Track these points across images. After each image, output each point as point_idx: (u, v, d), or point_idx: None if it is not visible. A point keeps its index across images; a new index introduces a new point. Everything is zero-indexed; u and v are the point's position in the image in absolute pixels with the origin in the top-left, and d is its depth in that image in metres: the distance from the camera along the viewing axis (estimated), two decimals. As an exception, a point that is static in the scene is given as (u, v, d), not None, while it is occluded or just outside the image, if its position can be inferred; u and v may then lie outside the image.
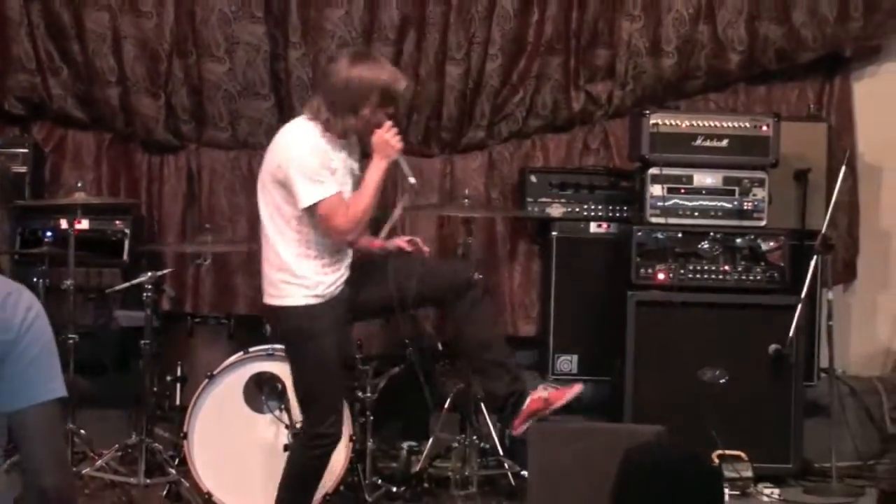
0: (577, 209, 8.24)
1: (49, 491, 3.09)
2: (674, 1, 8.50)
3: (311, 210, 5.80)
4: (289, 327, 6.01)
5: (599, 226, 8.23)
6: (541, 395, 6.14)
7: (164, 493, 6.89)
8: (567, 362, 8.16)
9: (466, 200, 7.75)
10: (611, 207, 8.25)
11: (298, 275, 5.84)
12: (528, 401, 6.13)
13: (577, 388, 6.24)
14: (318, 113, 5.91)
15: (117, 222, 7.98)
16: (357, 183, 6.00)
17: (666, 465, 3.40)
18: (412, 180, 6.09)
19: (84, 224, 7.46)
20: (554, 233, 8.18)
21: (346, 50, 7.74)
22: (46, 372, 3.09)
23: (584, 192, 8.27)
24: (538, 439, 6.04)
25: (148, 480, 6.93)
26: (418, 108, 8.58)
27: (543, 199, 8.22)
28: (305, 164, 5.77)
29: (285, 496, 6.12)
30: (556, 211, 8.21)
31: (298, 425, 6.46)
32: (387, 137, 5.94)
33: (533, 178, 8.32)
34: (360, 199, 5.91)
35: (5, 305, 3.05)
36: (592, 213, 8.24)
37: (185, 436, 6.72)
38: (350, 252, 6.06)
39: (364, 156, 6.07)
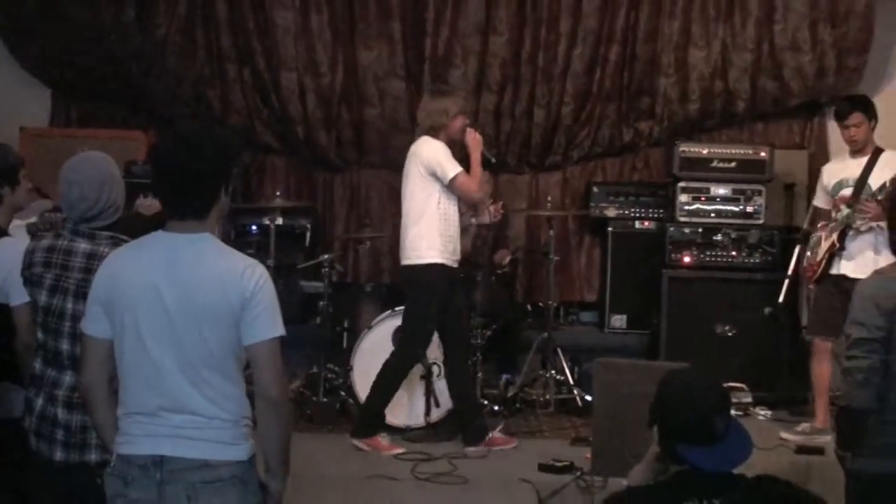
0: (627, 211, 8.27)
1: (274, 398, 3.20)
2: (697, 63, 8.43)
3: (452, 182, 6.18)
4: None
5: (643, 223, 8.26)
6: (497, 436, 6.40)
7: (336, 407, 7.02)
8: (619, 320, 8.22)
9: (549, 205, 7.89)
10: (651, 210, 8.27)
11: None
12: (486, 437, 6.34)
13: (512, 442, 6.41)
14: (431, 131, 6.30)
15: (302, 220, 8.10)
16: None
17: (688, 382, 3.37)
18: (493, 160, 6.57)
19: (279, 221, 7.55)
20: (609, 228, 8.22)
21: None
22: (271, 319, 3.19)
23: (631, 199, 8.29)
24: (600, 372, 5.98)
25: (325, 399, 7.10)
26: (514, 140, 8.59)
27: (603, 204, 8.25)
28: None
29: (375, 391, 6.38)
30: (611, 212, 8.23)
31: (429, 363, 6.57)
32: (470, 136, 6.35)
33: (595, 189, 8.37)
34: (474, 173, 6.29)
35: (244, 275, 3.16)
36: (638, 214, 8.27)
37: (351, 368, 6.83)
38: None
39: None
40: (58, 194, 4.01)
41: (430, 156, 6.22)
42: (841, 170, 6.79)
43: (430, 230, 6.23)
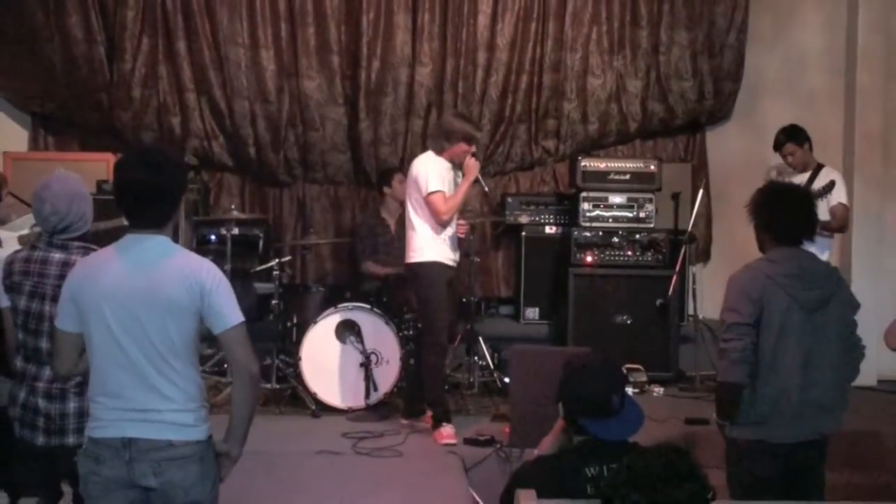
0: (537, 218, 8.25)
1: (254, 373, 3.24)
2: (595, 89, 8.47)
3: (427, 197, 6.02)
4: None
5: (551, 228, 8.23)
6: (445, 430, 6.09)
7: (287, 393, 6.96)
8: (532, 312, 8.19)
9: (469, 212, 7.76)
10: (558, 217, 8.25)
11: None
12: (439, 430, 6.09)
13: (453, 440, 6.06)
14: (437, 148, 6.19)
15: (255, 229, 8.02)
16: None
17: (588, 365, 3.41)
18: (486, 188, 6.43)
19: (235, 231, 7.48)
20: (523, 233, 8.22)
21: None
22: (231, 308, 3.20)
23: (541, 207, 8.29)
24: (517, 357, 5.98)
25: (277, 386, 7.04)
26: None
27: (516, 212, 8.24)
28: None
29: (430, 389, 6.26)
30: (524, 219, 8.23)
31: (368, 352, 6.63)
32: (469, 163, 6.15)
33: (510, 199, 8.36)
34: (456, 195, 6.14)
35: (201, 271, 3.17)
36: (547, 221, 8.26)
37: (300, 358, 6.77)
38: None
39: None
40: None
41: (420, 169, 6.15)
42: None
43: (425, 232, 6.15)
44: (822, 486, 4.04)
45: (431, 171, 6.11)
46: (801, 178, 6.90)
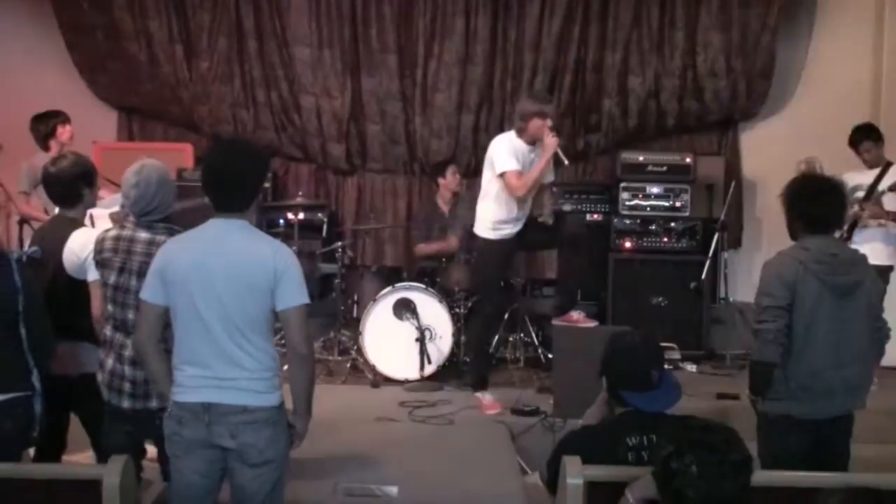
0: (581, 206, 8.17)
1: (303, 354, 3.25)
2: (635, 87, 8.39)
3: (501, 177, 5.89)
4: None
5: (593, 216, 8.15)
6: (573, 314, 6.14)
7: (349, 365, 6.95)
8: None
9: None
10: (599, 206, 8.16)
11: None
12: (568, 313, 6.13)
13: (592, 323, 6.15)
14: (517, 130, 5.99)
15: (319, 214, 8.01)
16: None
17: (631, 342, 3.44)
18: (566, 162, 6.05)
19: (301, 215, 7.52)
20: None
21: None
22: (299, 290, 3.23)
23: (584, 196, 8.20)
24: (559, 335, 6.06)
25: (339, 358, 7.12)
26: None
27: (561, 201, 8.12)
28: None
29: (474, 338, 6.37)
30: (567, 207, 8.13)
31: (423, 328, 6.63)
32: (547, 139, 5.89)
33: (554, 189, 8.03)
34: (531, 172, 5.94)
35: (277, 253, 3.21)
36: (589, 209, 8.17)
37: (361, 333, 6.80)
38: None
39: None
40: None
41: (493, 149, 6.02)
42: (858, 178, 6.74)
43: (486, 210, 6.09)
44: (847, 459, 4.01)
45: (501, 151, 5.95)
46: (872, 173, 6.73)
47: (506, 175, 5.91)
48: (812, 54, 8.62)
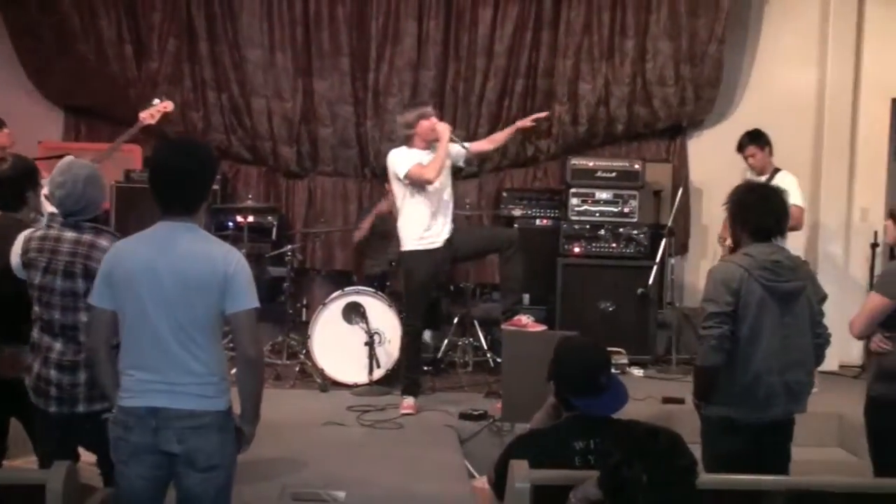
0: (530, 212, 8.20)
1: (252, 357, 3.22)
2: (585, 94, 8.45)
3: (406, 177, 5.90)
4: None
5: (542, 221, 8.18)
6: (522, 318, 6.13)
7: (297, 369, 6.93)
8: (524, 297, 8.02)
9: (467, 206, 7.92)
10: (549, 211, 8.20)
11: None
12: (516, 317, 6.12)
13: (541, 327, 6.19)
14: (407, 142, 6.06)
15: (269, 217, 8.00)
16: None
17: (579, 347, 3.45)
18: (466, 146, 6.20)
19: (251, 218, 7.51)
20: (516, 225, 8.06)
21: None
22: (249, 293, 3.18)
23: (533, 202, 8.24)
24: (508, 339, 6.04)
25: (287, 362, 7.09)
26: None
27: (510, 206, 8.19)
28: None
29: (406, 362, 6.27)
30: (517, 212, 8.17)
31: (372, 332, 6.61)
32: (438, 128, 6.00)
33: (504, 194, 8.34)
34: (435, 159, 5.95)
35: (227, 256, 3.17)
36: (538, 214, 8.21)
37: (309, 337, 6.81)
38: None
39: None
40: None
41: (391, 161, 6.07)
42: None
43: (406, 223, 6.10)
44: (787, 462, 4.06)
45: (399, 159, 6.00)
46: (760, 180, 6.84)
47: (410, 171, 5.94)
48: (758, 62, 8.75)
